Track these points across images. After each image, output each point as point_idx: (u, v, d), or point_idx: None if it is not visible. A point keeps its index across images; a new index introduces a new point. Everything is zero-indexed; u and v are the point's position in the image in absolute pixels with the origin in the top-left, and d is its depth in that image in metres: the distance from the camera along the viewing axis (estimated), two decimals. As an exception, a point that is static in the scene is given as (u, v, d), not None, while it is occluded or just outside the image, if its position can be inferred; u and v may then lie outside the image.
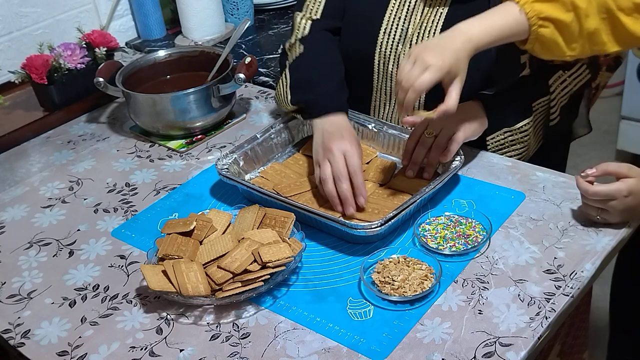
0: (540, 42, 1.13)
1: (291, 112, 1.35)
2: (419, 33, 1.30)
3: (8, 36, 1.72)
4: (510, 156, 1.30)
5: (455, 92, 1.09)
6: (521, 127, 1.27)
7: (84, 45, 1.63)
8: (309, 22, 1.40)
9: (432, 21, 1.29)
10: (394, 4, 1.33)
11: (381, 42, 1.33)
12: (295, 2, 2.05)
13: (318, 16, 1.40)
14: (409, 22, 1.31)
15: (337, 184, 1.16)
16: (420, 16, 1.30)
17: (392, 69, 1.33)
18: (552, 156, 1.39)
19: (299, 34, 1.40)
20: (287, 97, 1.33)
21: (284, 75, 1.37)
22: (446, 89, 1.10)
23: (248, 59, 1.47)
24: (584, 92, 1.40)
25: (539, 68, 1.30)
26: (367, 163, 1.31)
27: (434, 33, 1.28)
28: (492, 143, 1.28)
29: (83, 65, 1.60)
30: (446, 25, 1.28)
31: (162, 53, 1.60)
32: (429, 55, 1.07)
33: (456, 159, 1.22)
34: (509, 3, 1.12)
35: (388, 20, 1.33)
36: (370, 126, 1.35)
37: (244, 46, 1.88)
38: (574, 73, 1.31)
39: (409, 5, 1.32)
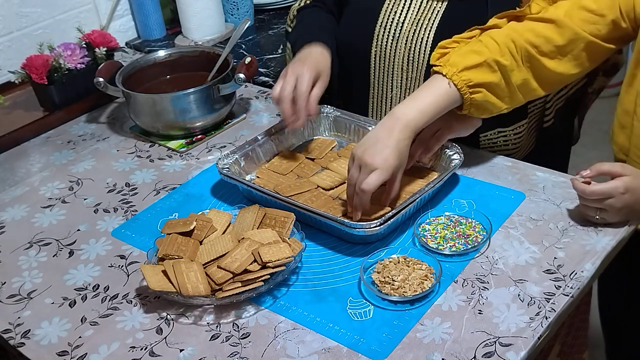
0: (475, 106, 1.16)
1: None
2: (415, 30, 1.29)
3: (8, 36, 1.72)
4: (502, 153, 1.29)
5: (397, 183, 1.13)
6: (515, 128, 1.26)
7: (84, 45, 1.63)
8: (303, 5, 1.48)
9: (429, 19, 1.29)
10: None
11: (377, 35, 1.33)
12: (294, 2, 2.07)
13: (308, 1, 1.48)
14: (405, 17, 1.31)
15: (280, 104, 1.26)
16: (417, 12, 1.30)
17: (389, 64, 1.34)
18: (554, 159, 1.38)
19: (291, 15, 1.49)
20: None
21: (287, 48, 1.45)
22: (391, 179, 1.12)
23: (248, 59, 1.47)
24: (581, 97, 1.39)
25: None
26: None
27: (430, 30, 1.28)
28: (484, 141, 1.27)
29: (83, 65, 1.60)
30: (443, 23, 1.28)
31: (162, 53, 1.60)
32: (371, 158, 1.09)
33: (455, 157, 1.22)
34: (437, 76, 1.15)
35: (385, 14, 1.33)
36: (369, 127, 1.35)
37: (244, 46, 1.88)
38: None
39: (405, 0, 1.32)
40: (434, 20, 1.28)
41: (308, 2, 1.49)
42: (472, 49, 1.15)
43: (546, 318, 0.97)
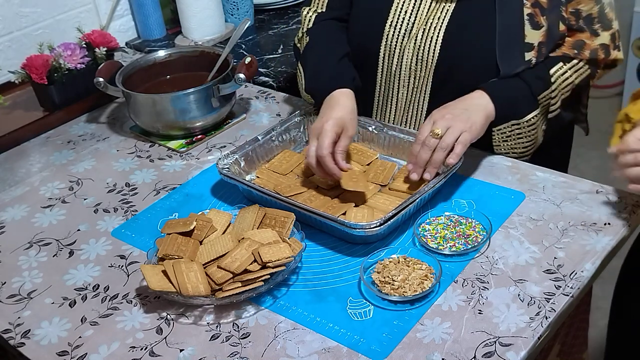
0: None
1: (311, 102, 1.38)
2: (424, 29, 1.30)
3: (8, 36, 1.72)
4: (516, 149, 1.29)
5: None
6: (529, 119, 1.26)
7: (84, 45, 1.63)
8: (315, 14, 1.43)
9: (439, 18, 1.29)
10: None
11: (387, 35, 1.33)
12: (294, 2, 2.07)
13: (324, 9, 1.43)
14: (415, 16, 1.31)
15: (310, 166, 1.22)
16: (427, 12, 1.30)
17: (397, 64, 1.34)
18: (555, 157, 1.37)
19: (305, 27, 1.43)
20: (303, 88, 1.37)
21: (298, 69, 1.41)
22: None
23: (248, 59, 1.47)
24: (585, 87, 1.37)
25: (542, 62, 1.28)
26: (368, 164, 1.32)
27: (439, 29, 1.28)
28: (497, 134, 1.27)
29: (83, 65, 1.60)
30: (452, 22, 1.28)
31: (162, 53, 1.60)
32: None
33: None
34: None
35: (394, 13, 1.33)
36: (370, 128, 1.35)
37: (244, 46, 1.88)
38: (574, 66, 1.30)
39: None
40: (443, 20, 1.28)
41: (319, 11, 1.43)
42: None
43: (546, 318, 0.97)
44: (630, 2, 3.10)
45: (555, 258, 1.07)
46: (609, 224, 1.13)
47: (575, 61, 1.30)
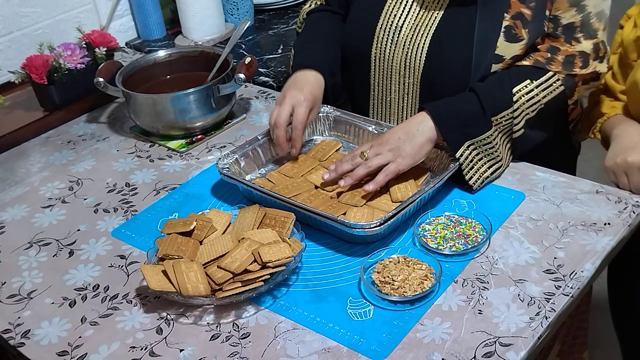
0: None
1: None
2: (412, 35, 1.30)
3: (8, 36, 1.72)
4: (484, 172, 1.22)
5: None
6: (484, 139, 1.20)
7: (84, 45, 1.63)
8: (312, 7, 1.50)
9: (426, 25, 1.29)
10: (392, 1, 1.33)
11: (377, 38, 1.34)
12: (294, 2, 2.07)
13: (321, 2, 1.50)
14: (404, 21, 1.31)
15: (275, 130, 1.29)
16: (416, 17, 1.31)
17: (387, 67, 1.34)
18: (558, 162, 1.33)
19: (300, 19, 1.50)
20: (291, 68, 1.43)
21: (290, 55, 1.47)
22: None
23: (248, 59, 1.47)
24: (563, 107, 1.30)
25: (505, 77, 1.23)
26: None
27: (426, 36, 1.28)
28: (463, 161, 1.20)
29: (83, 65, 1.60)
30: (439, 30, 1.28)
31: (162, 53, 1.60)
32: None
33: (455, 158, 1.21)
34: None
35: (384, 17, 1.33)
36: (370, 128, 1.35)
37: (244, 46, 1.88)
38: (542, 84, 1.23)
39: (405, 4, 1.32)
40: (430, 27, 1.29)
41: (318, 2, 1.51)
42: None
43: (546, 318, 0.97)
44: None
45: (555, 258, 1.07)
46: (609, 224, 1.13)
47: (544, 78, 1.23)
